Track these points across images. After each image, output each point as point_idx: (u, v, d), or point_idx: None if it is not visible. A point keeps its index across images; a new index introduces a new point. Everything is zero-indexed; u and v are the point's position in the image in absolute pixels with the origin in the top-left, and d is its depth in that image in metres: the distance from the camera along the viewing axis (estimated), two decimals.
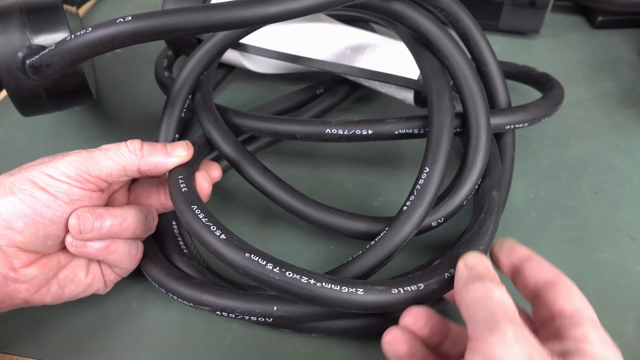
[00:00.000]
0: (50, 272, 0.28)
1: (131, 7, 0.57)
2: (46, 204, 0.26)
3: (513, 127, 0.33)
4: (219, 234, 0.26)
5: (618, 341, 0.29)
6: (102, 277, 0.30)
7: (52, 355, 0.30)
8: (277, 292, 0.25)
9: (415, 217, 0.28)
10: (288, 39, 0.40)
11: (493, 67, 0.34)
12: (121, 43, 0.26)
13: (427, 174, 0.28)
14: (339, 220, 0.31)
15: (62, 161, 0.27)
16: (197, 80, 0.35)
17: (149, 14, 0.26)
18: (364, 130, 0.32)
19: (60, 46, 0.27)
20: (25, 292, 0.27)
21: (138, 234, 0.29)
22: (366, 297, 0.24)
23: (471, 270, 0.24)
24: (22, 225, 0.25)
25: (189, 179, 0.29)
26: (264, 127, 0.34)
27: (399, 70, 0.36)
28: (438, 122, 0.30)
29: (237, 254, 0.25)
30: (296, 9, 0.26)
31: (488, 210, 0.28)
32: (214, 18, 0.26)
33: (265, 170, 0.33)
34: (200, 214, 0.27)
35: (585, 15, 0.55)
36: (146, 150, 0.29)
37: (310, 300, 0.24)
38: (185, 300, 0.29)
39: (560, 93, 0.36)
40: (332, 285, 0.24)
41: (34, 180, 0.26)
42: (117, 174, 0.28)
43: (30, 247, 0.26)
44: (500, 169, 0.31)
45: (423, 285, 0.25)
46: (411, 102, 0.37)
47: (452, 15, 0.33)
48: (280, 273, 0.24)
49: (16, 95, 0.31)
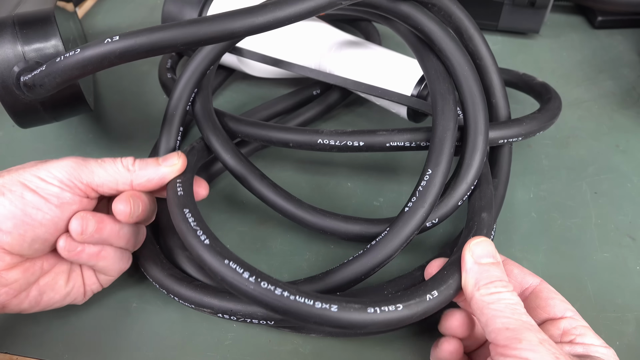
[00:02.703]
0: (32, 277, 0.27)
1: (131, 7, 0.57)
2: (36, 206, 0.26)
3: (506, 141, 0.33)
4: (204, 239, 0.26)
5: (618, 341, 0.29)
6: (82, 286, 0.30)
7: (52, 355, 0.30)
8: (251, 302, 0.24)
9: (416, 218, 0.28)
10: (281, 46, 0.40)
11: (488, 60, 0.34)
12: (110, 63, 0.26)
13: (430, 176, 0.28)
14: (334, 223, 0.31)
15: (56, 165, 0.27)
16: (195, 86, 0.35)
17: (136, 32, 0.26)
18: (355, 141, 0.32)
19: (51, 67, 0.27)
20: (4, 295, 0.26)
21: (130, 244, 0.30)
22: (340, 314, 0.23)
23: (480, 266, 0.25)
24: (10, 226, 0.25)
25: (186, 183, 0.29)
26: (258, 134, 0.34)
27: (393, 84, 0.36)
28: (442, 125, 0.30)
29: (217, 260, 0.25)
30: (284, 17, 0.26)
31: (476, 233, 0.28)
32: (202, 32, 0.25)
33: (262, 177, 0.33)
34: (190, 218, 0.27)
35: (585, 15, 0.55)
36: (138, 165, 0.29)
37: (283, 313, 0.24)
38: (187, 302, 0.29)
39: (557, 106, 0.36)
40: (305, 299, 0.23)
41: (25, 182, 0.26)
42: (109, 186, 0.28)
43: (16, 249, 0.26)
44: (491, 191, 0.30)
45: (402, 306, 0.24)
46: (404, 116, 0.37)
47: (444, 10, 0.32)
48: (255, 283, 0.24)
49: (13, 110, 0.31)
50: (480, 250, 0.25)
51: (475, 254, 0.25)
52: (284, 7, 0.26)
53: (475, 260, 0.25)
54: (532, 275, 0.27)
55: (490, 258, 0.25)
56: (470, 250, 0.25)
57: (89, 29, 0.55)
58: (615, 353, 0.24)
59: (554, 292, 0.26)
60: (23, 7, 0.33)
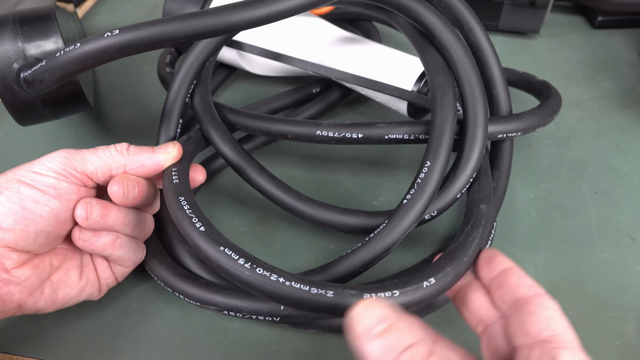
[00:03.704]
0: (44, 274, 0.27)
1: (131, 7, 0.57)
2: (34, 199, 0.26)
3: (505, 136, 0.33)
4: (199, 226, 0.26)
5: (618, 341, 0.29)
6: (96, 280, 0.30)
7: (52, 355, 0.30)
8: (247, 288, 0.24)
9: (415, 210, 0.28)
10: (282, 42, 0.40)
11: (488, 51, 0.34)
12: (110, 57, 0.26)
13: (429, 168, 0.28)
14: (332, 215, 0.31)
15: (49, 157, 0.28)
16: (194, 78, 0.35)
17: (136, 26, 0.26)
18: (354, 133, 0.32)
19: (51, 62, 0.27)
20: (19, 294, 0.26)
21: (138, 232, 0.30)
22: (335, 299, 0.23)
23: (379, 339, 0.19)
24: (11, 222, 0.25)
25: (182, 171, 0.29)
26: (257, 125, 0.34)
27: (394, 79, 0.36)
28: (441, 117, 0.29)
29: (212, 246, 0.25)
30: (284, 9, 0.26)
31: (475, 223, 0.27)
32: (202, 25, 0.25)
33: (261, 170, 0.33)
34: (186, 206, 0.27)
35: (585, 15, 0.55)
36: (132, 150, 0.29)
37: (278, 299, 0.24)
38: (193, 300, 0.29)
39: (556, 103, 0.36)
40: (301, 285, 0.23)
41: (20, 178, 0.26)
42: (103, 172, 0.28)
43: (21, 245, 0.26)
44: (490, 183, 0.30)
45: (398, 292, 0.23)
46: (404, 112, 0.37)
47: (444, 2, 0.32)
48: (250, 269, 0.24)
49: (13, 107, 0.31)
50: (367, 318, 0.20)
51: (366, 326, 0.19)
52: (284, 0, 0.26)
53: (370, 335, 0.19)
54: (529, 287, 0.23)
55: (382, 323, 0.19)
56: (353, 321, 0.20)
57: (89, 29, 0.55)
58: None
59: (543, 307, 0.22)
60: (23, 5, 0.33)
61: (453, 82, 0.31)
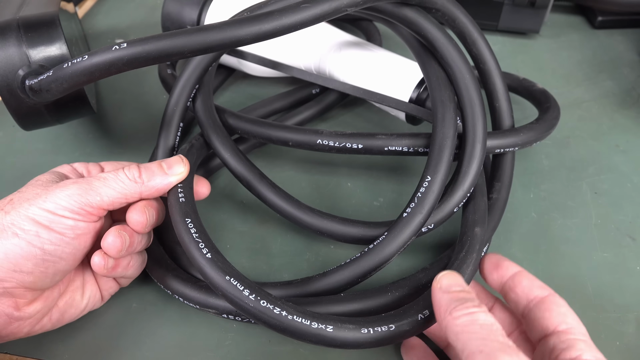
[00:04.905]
0: (52, 303, 0.28)
1: (131, 7, 0.57)
2: (54, 242, 0.25)
3: (503, 150, 0.33)
4: (206, 252, 0.26)
5: (618, 341, 0.29)
6: (98, 292, 0.30)
7: (52, 355, 0.30)
8: (249, 317, 0.25)
9: (414, 223, 0.28)
10: (281, 46, 0.40)
11: (491, 64, 0.34)
12: (118, 70, 0.26)
13: (429, 182, 0.29)
14: (331, 225, 0.31)
15: (61, 194, 0.26)
16: (197, 82, 0.35)
17: (144, 40, 0.26)
18: (354, 143, 0.32)
19: (58, 73, 0.27)
20: (29, 327, 0.27)
21: (144, 245, 0.30)
22: (335, 334, 0.24)
23: (449, 294, 0.23)
24: (30, 266, 0.25)
25: (187, 187, 0.29)
26: (258, 131, 0.34)
27: (393, 86, 0.36)
28: (441, 133, 0.30)
29: (218, 275, 0.26)
30: (290, 24, 0.26)
31: (469, 249, 0.28)
32: (209, 40, 0.25)
33: (262, 177, 0.33)
34: (193, 229, 0.27)
35: (585, 15, 0.55)
36: (145, 176, 0.28)
37: (280, 331, 0.25)
38: (192, 303, 0.29)
39: (554, 116, 0.36)
40: (303, 319, 0.24)
41: (36, 219, 0.25)
42: (119, 202, 0.28)
43: (38, 285, 0.26)
44: (485, 203, 0.31)
45: (394, 326, 0.25)
46: (403, 119, 0.37)
47: (448, 15, 0.32)
48: (254, 301, 0.25)
49: (17, 113, 0.31)
50: (448, 281, 0.24)
51: (444, 285, 0.24)
52: (290, 14, 0.26)
53: (444, 290, 0.24)
54: (541, 288, 0.26)
55: (458, 287, 0.24)
56: (438, 282, 0.24)
57: (89, 29, 0.55)
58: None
59: (557, 304, 0.25)
60: (26, 9, 0.33)
61: (454, 97, 0.31)
